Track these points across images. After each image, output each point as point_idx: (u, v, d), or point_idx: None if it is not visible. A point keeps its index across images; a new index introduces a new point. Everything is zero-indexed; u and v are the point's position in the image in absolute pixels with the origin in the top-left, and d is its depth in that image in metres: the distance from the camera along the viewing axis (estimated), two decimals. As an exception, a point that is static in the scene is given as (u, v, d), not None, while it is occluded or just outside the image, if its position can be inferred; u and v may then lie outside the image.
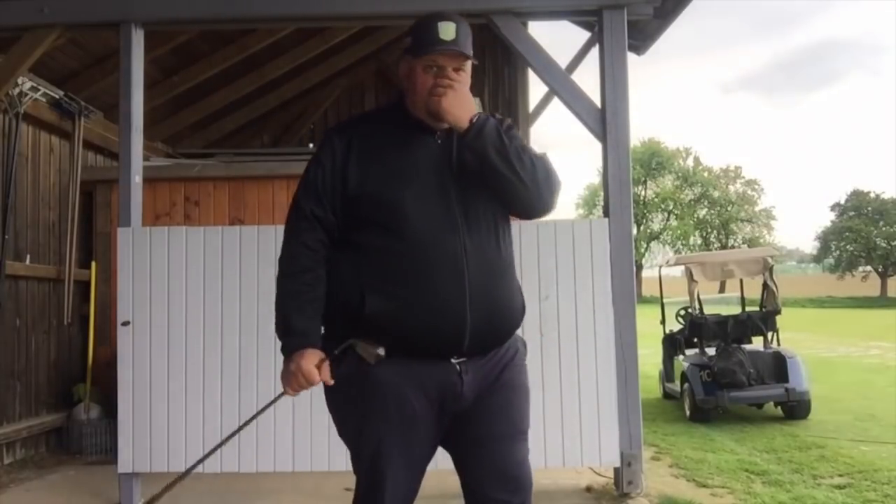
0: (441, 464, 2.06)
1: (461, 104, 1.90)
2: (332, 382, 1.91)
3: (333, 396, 1.99)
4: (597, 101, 4.20)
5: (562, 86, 4.26)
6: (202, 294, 4.01)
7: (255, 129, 8.91)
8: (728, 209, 53.88)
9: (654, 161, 53.64)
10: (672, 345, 8.58)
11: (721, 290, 19.28)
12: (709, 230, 54.43)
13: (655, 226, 54.15)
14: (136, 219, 4.15)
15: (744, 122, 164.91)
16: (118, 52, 4.25)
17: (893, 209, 47.72)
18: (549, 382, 3.96)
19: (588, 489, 4.20)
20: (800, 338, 15.89)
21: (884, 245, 47.80)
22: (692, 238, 53.57)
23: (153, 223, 5.46)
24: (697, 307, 8.35)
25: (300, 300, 1.94)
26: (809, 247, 63.01)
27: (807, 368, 7.68)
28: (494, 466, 1.95)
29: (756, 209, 54.73)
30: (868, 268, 49.87)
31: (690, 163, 55.83)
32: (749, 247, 43.02)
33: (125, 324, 4.00)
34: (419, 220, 1.88)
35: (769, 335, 8.14)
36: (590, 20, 4.71)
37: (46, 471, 5.02)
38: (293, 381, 1.91)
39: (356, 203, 1.93)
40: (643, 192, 53.38)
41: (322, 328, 1.97)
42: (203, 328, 3.99)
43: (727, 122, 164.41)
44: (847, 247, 49.03)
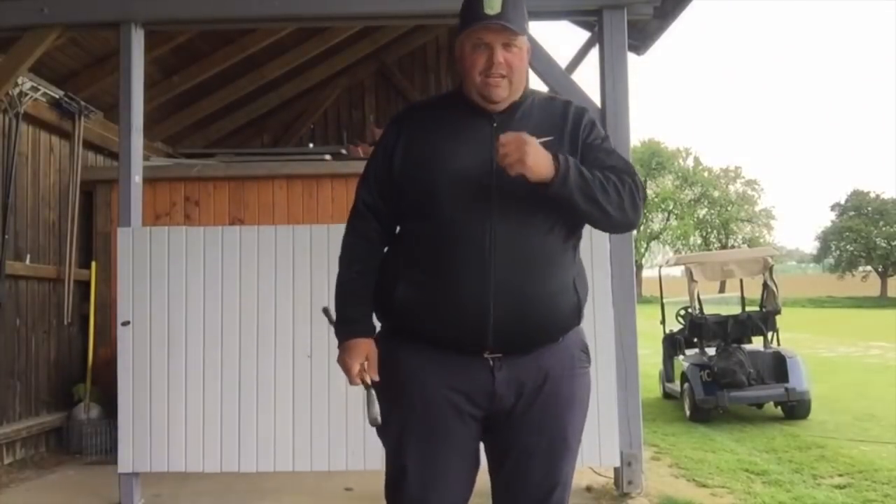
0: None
1: (538, 160, 1.72)
2: (371, 381, 1.86)
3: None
4: (597, 101, 4.20)
5: (562, 86, 4.25)
6: (202, 294, 4.00)
7: (255, 129, 8.91)
8: (728, 209, 53.85)
9: (654, 161, 53.59)
10: (672, 345, 8.57)
11: (721, 290, 19.28)
12: (709, 230, 54.39)
13: (655, 226, 54.10)
14: (136, 219, 4.16)
15: (744, 122, 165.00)
16: (118, 52, 4.25)
17: (893, 209, 47.68)
18: (549, 382, 3.95)
19: (588, 489, 4.20)
20: (800, 338, 15.88)
21: (884, 245, 47.75)
22: (692, 238, 53.53)
23: (153, 223, 5.46)
24: (697, 307, 8.35)
25: (349, 289, 1.94)
26: (809, 247, 63.20)
27: (807, 368, 7.67)
28: (522, 480, 1.86)
29: (756, 209, 54.70)
30: (868, 268, 49.83)
31: (690, 163, 55.82)
32: (749, 247, 42.98)
33: (125, 324, 4.00)
34: (450, 207, 1.80)
35: (769, 335, 8.13)
36: (590, 20, 4.70)
37: (46, 471, 5.02)
38: (345, 372, 1.90)
39: (399, 188, 1.89)
40: (643, 192, 53.33)
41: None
42: (203, 328, 3.99)
43: (727, 123, 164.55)
44: (847, 247, 48.99)
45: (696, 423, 7.25)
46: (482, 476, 1.95)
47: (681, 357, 8.17)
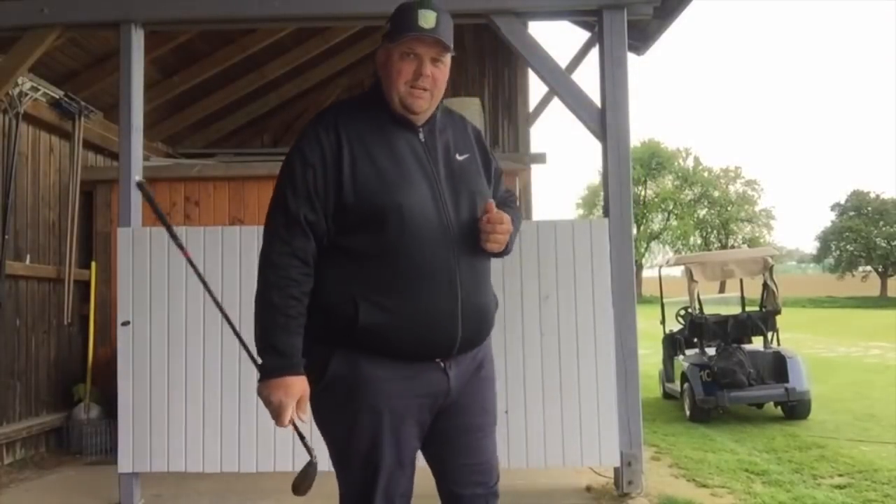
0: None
1: (502, 241, 1.95)
2: (302, 421, 1.88)
3: (322, 400, 1.92)
4: (597, 101, 4.19)
5: (562, 86, 4.26)
6: (202, 294, 3.99)
7: (255, 129, 8.92)
8: (728, 209, 53.84)
9: (654, 161, 53.59)
10: (672, 345, 8.57)
11: (721, 290, 19.31)
12: (709, 230, 54.39)
13: (655, 226, 54.10)
14: (136, 219, 4.16)
15: (744, 122, 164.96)
16: (118, 52, 4.25)
17: (893, 209, 47.68)
18: (549, 382, 3.96)
19: (588, 489, 4.20)
20: (800, 338, 15.89)
21: (884, 245, 47.75)
22: (692, 238, 53.54)
23: (153, 223, 5.45)
24: (697, 307, 8.35)
25: (285, 315, 1.83)
26: (809, 247, 63.15)
27: (807, 368, 7.67)
28: (474, 455, 2.00)
29: (756, 209, 54.69)
30: (868, 268, 49.83)
31: (690, 163, 55.81)
32: (749, 247, 43.00)
33: (125, 324, 4.00)
34: (415, 229, 1.84)
35: (769, 335, 8.13)
36: (590, 20, 4.71)
37: (46, 471, 5.02)
38: (271, 412, 1.85)
39: (350, 209, 1.85)
40: (643, 192, 53.34)
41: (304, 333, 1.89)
42: (203, 328, 3.99)
43: (727, 123, 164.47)
44: (847, 247, 49.00)
45: (696, 423, 7.25)
46: (427, 480, 2.05)
47: (681, 357, 8.17)
